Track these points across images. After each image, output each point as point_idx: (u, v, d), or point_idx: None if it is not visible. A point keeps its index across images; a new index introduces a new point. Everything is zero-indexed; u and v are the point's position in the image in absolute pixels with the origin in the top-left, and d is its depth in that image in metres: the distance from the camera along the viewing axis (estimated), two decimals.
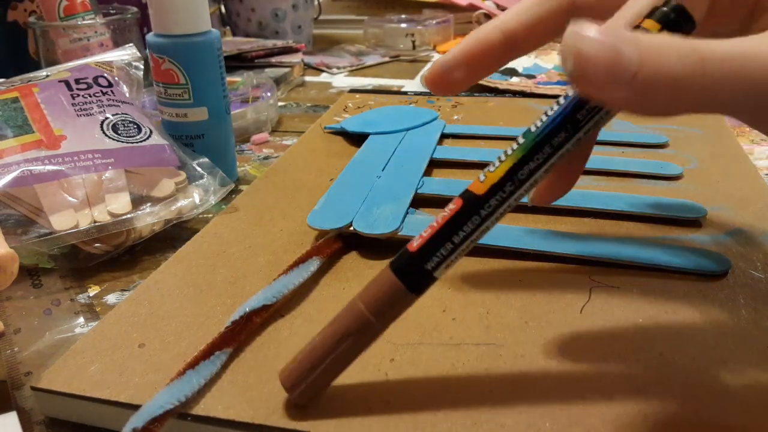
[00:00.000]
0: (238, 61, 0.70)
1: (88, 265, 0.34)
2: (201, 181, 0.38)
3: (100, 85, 0.39)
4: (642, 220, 0.33)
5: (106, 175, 0.35)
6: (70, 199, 0.34)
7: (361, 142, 0.44)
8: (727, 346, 0.24)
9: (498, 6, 0.93)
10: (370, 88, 0.69)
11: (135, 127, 0.38)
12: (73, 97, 0.38)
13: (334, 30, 1.03)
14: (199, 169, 0.38)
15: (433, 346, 0.24)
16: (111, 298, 0.31)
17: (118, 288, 0.32)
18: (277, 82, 0.65)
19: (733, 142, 0.44)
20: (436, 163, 0.41)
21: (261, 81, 0.58)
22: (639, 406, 0.21)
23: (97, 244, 0.34)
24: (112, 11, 0.58)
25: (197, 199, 0.36)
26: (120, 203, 0.34)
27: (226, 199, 0.39)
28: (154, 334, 0.25)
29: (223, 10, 0.88)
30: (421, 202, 0.35)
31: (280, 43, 0.75)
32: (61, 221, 0.33)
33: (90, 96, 0.38)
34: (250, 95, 0.56)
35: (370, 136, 0.45)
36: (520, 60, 0.73)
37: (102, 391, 0.22)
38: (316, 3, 0.91)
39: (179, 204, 0.36)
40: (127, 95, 0.41)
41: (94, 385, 0.23)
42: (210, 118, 0.41)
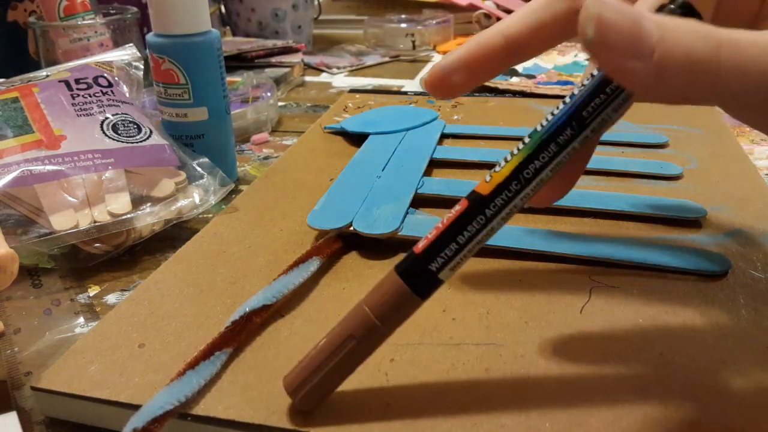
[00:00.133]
0: (238, 61, 0.70)
1: (88, 265, 0.34)
2: (201, 181, 0.38)
3: (100, 85, 0.39)
4: (642, 220, 0.33)
5: (106, 175, 0.35)
6: (70, 199, 0.34)
7: (361, 142, 0.44)
8: (727, 346, 0.24)
9: (498, 6, 0.93)
10: (370, 88, 0.69)
11: (135, 127, 0.38)
12: (73, 97, 0.38)
13: (334, 30, 1.03)
14: (199, 169, 0.38)
15: (433, 346, 0.24)
16: (111, 298, 0.31)
17: (118, 288, 0.32)
18: (277, 82, 0.65)
19: (733, 142, 0.44)
20: (436, 163, 0.41)
21: (261, 81, 0.58)
22: (639, 406, 0.21)
23: (97, 244, 0.34)
24: (112, 11, 0.58)
25: (197, 199, 0.36)
26: (120, 203, 0.34)
27: (226, 199, 0.39)
28: (154, 334, 0.25)
29: (223, 10, 0.88)
30: (421, 202, 0.35)
31: (280, 43, 0.75)
32: (61, 221, 0.33)
33: (90, 96, 0.38)
34: (250, 95, 0.56)
35: (370, 136, 0.45)
36: None
37: (102, 391, 0.22)
38: (316, 3, 0.91)
39: (179, 204, 0.36)
40: (127, 95, 0.41)
41: (94, 385, 0.23)
42: (210, 118, 0.41)
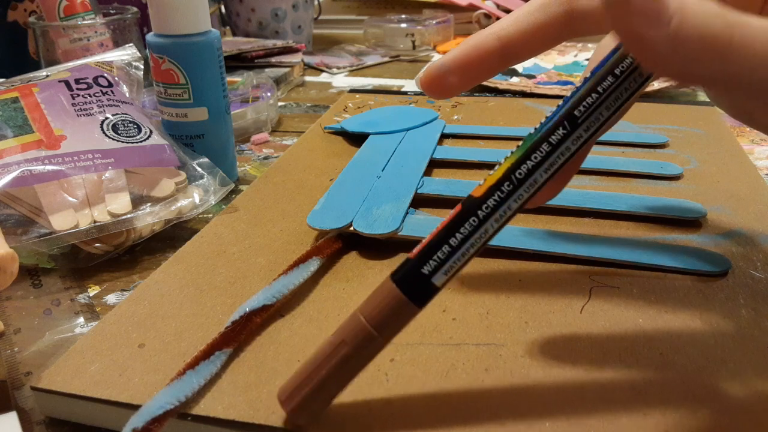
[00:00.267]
0: (238, 61, 0.70)
1: (88, 265, 0.34)
2: (201, 181, 0.38)
3: (100, 85, 0.39)
4: (642, 220, 0.33)
5: (106, 175, 0.35)
6: (70, 199, 0.34)
7: (361, 142, 0.44)
8: (727, 346, 0.24)
9: (498, 6, 0.93)
10: (370, 88, 0.69)
11: (135, 127, 0.38)
12: (73, 97, 0.38)
13: (334, 30, 1.03)
14: (199, 169, 0.38)
15: (433, 346, 0.24)
16: (111, 298, 0.31)
17: (118, 288, 0.32)
18: (277, 82, 0.65)
19: (733, 142, 0.44)
20: (436, 163, 0.41)
21: (261, 81, 0.58)
22: (639, 405, 0.21)
23: (97, 244, 0.34)
24: (112, 11, 0.58)
25: (197, 199, 0.36)
26: (120, 203, 0.34)
27: (226, 199, 0.39)
28: (154, 334, 0.25)
29: (223, 10, 0.88)
30: (421, 202, 0.35)
31: (280, 43, 0.75)
32: (61, 221, 0.33)
33: (90, 96, 0.38)
34: (250, 95, 0.56)
35: (370, 136, 0.45)
36: None
37: (102, 391, 0.22)
38: (316, 3, 0.91)
39: (179, 204, 0.36)
40: (127, 95, 0.41)
41: (94, 385, 0.23)
42: (210, 118, 0.41)
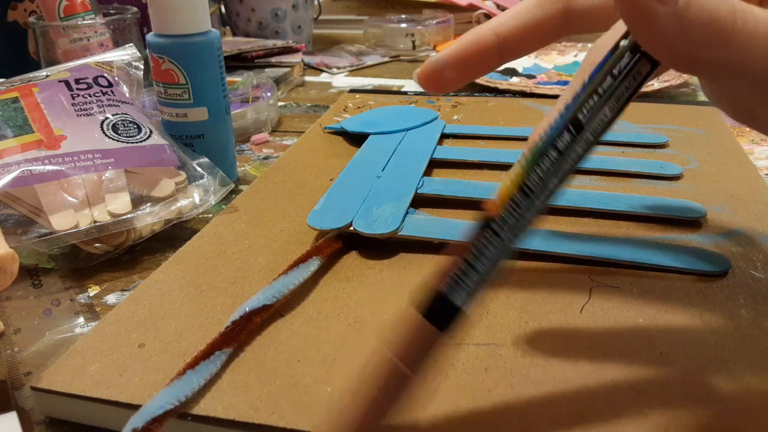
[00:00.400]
0: (238, 61, 0.70)
1: (88, 265, 0.34)
2: (201, 181, 0.38)
3: (100, 85, 0.39)
4: (642, 220, 0.33)
5: (106, 175, 0.35)
6: (70, 199, 0.34)
7: (361, 142, 0.44)
8: (727, 346, 0.24)
9: (498, 6, 0.93)
10: (370, 88, 0.69)
11: (135, 127, 0.38)
12: (73, 97, 0.38)
13: (334, 30, 1.03)
14: (199, 169, 0.38)
15: None
16: (111, 298, 0.31)
17: (118, 288, 0.32)
18: (277, 82, 0.65)
19: (733, 142, 0.44)
20: (436, 163, 0.41)
21: (261, 81, 0.58)
22: (639, 405, 0.21)
23: (97, 244, 0.34)
24: (112, 11, 0.58)
25: (197, 199, 0.36)
26: (120, 203, 0.34)
27: (226, 199, 0.39)
28: (154, 334, 0.25)
29: (223, 10, 0.88)
30: (421, 202, 0.35)
31: (280, 43, 0.75)
32: (61, 221, 0.33)
33: (90, 96, 0.38)
34: (250, 95, 0.56)
35: (370, 136, 0.45)
36: (520, 60, 0.73)
37: (102, 391, 0.22)
38: (316, 3, 0.91)
39: (179, 204, 0.36)
40: (127, 95, 0.41)
41: (94, 385, 0.23)
42: (210, 118, 0.41)
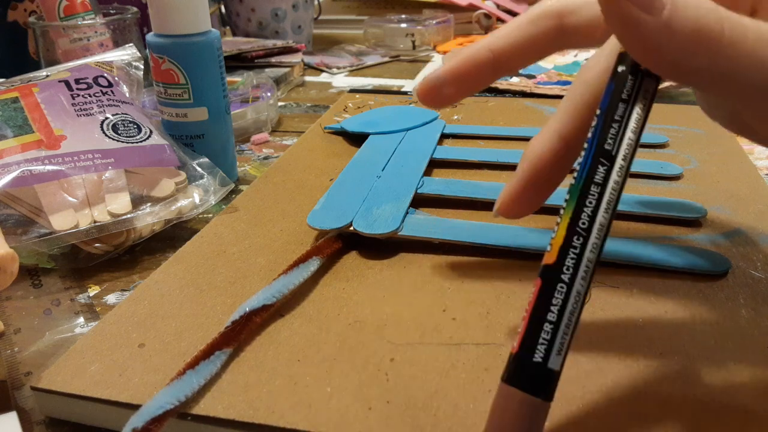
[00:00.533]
0: (238, 61, 0.70)
1: (88, 265, 0.34)
2: (201, 181, 0.38)
3: (100, 85, 0.39)
4: (642, 220, 0.33)
5: (106, 175, 0.35)
6: (70, 199, 0.34)
7: (361, 142, 0.44)
8: (727, 346, 0.24)
9: (498, 6, 0.93)
10: (370, 88, 0.69)
11: (135, 127, 0.38)
12: (73, 97, 0.38)
13: (334, 30, 1.03)
14: (199, 169, 0.38)
15: (433, 345, 0.24)
16: (111, 298, 0.31)
17: (118, 288, 0.32)
18: (277, 82, 0.65)
19: (733, 142, 0.44)
20: (436, 163, 0.41)
21: (261, 81, 0.58)
22: (639, 406, 0.21)
23: (97, 244, 0.34)
24: (112, 11, 0.58)
25: (197, 199, 0.36)
26: (120, 203, 0.34)
27: (226, 199, 0.39)
28: (154, 334, 0.25)
29: (223, 10, 0.88)
30: (421, 202, 0.35)
31: (280, 43, 0.75)
32: (61, 221, 0.33)
33: (90, 96, 0.38)
34: (250, 95, 0.56)
35: (370, 136, 0.45)
36: None
37: (102, 391, 0.22)
38: (316, 3, 0.91)
39: (179, 204, 0.36)
40: (127, 95, 0.41)
41: (94, 385, 0.23)
42: (210, 118, 0.41)
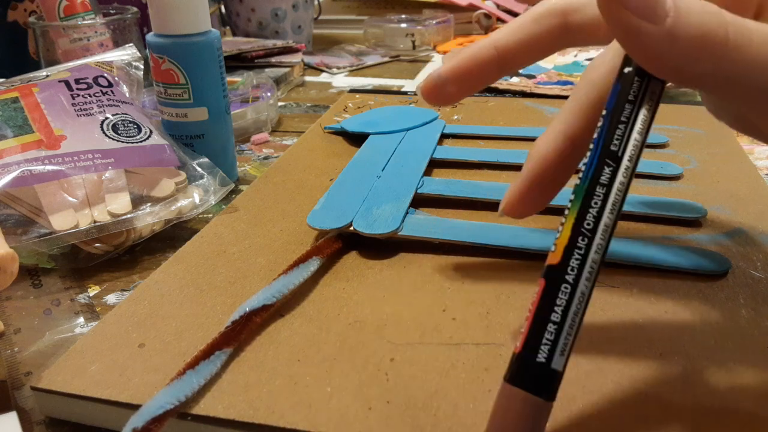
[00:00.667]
0: (238, 61, 0.70)
1: (88, 265, 0.34)
2: (201, 181, 0.38)
3: (100, 85, 0.39)
4: (642, 220, 0.33)
5: (106, 175, 0.35)
6: (70, 199, 0.34)
7: (361, 142, 0.44)
8: (727, 346, 0.24)
9: (498, 6, 0.93)
10: (370, 88, 0.69)
11: (135, 127, 0.38)
12: (73, 97, 0.38)
13: (334, 30, 1.03)
14: (199, 169, 0.38)
15: (433, 345, 0.24)
16: (111, 298, 0.31)
17: (118, 288, 0.32)
18: (277, 82, 0.65)
19: (733, 142, 0.44)
20: (436, 163, 0.41)
21: (261, 81, 0.58)
22: (638, 406, 0.21)
23: (97, 244, 0.34)
24: (112, 11, 0.58)
25: (197, 199, 0.36)
26: (120, 203, 0.34)
27: (226, 199, 0.39)
28: (154, 334, 0.25)
29: (223, 10, 0.88)
30: (421, 202, 0.35)
31: (280, 43, 0.75)
32: (61, 221, 0.33)
33: (90, 96, 0.38)
34: (250, 95, 0.56)
35: (370, 136, 0.45)
36: None
37: (102, 391, 0.22)
38: (316, 3, 0.91)
39: (179, 204, 0.36)
40: (127, 95, 0.41)
41: (94, 385, 0.23)
42: (210, 118, 0.41)
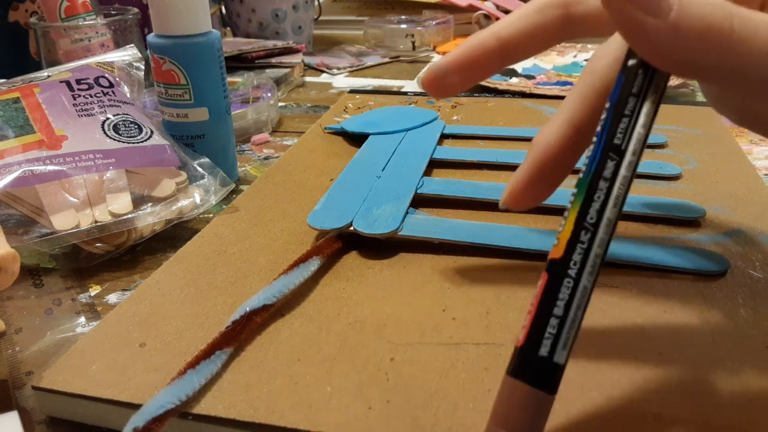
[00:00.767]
0: (239, 62, 0.70)
1: (89, 265, 0.34)
2: (202, 181, 0.38)
3: (101, 85, 0.39)
4: (641, 220, 0.33)
5: (107, 175, 0.35)
6: (72, 199, 0.34)
7: (361, 143, 0.44)
8: (726, 346, 0.24)
9: (498, 7, 0.93)
10: (370, 88, 0.69)
11: (136, 128, 0.38)
12: (75, 98, 0.38)
13: (334, 30, 1.04)
14: (199, 169, 0.38)
15: (433, 345, 0.24)
16: (112, 298, 0.31)
17: (119, 288, 0.32)
18: (278, 82, 0.65)
19: (731, 143, 0.44)
20: (436, 164, 0.41)
21: (261, 81, 0.58)
22: (637, 406, 0.21)
23: (98, 244, 0.34)
24: (113, 12, 0.58)
25: (198, 199, 0.36)
26: (121, 203, 0.34)
27: (227, 199, 0.39)
28: (154, 333, 0.25)
29: (223, 10, 0.88)
30: (421, 202, 0.35)
31: (280, 43, 0.75)
32: (63, 221, 0.33)
33: (91, 96, 0.38)
34: (251, 96, 0.56)
35: (370, 136, 0.45)
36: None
37: (103, 391, 0.22)
38: (316, 4, 0.91)
39: (180, 204, 0.36)
40: (128, 95, 0.41)
41: (95, 384, 0.23)
42: (210, 118, 0.41)
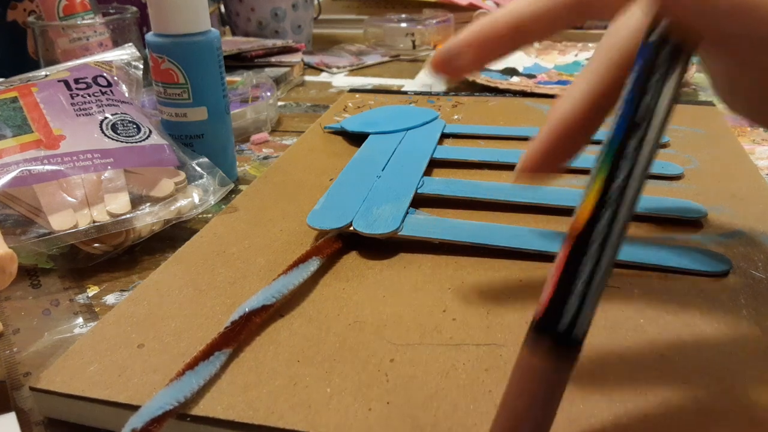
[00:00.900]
0: (238, 61, 0.70)
1: (87, 266, 0.34)
2: (200, 181, 0.38)
3: (99, 84, 0.39)
4: (642, 220, 0.33)
5: (106, 175, 0.35)
6: (69, 199, 0.34)
7: (361, 142, 0.44)
8: (728, 346, 0.23)
9: (498, 5, 0.93)
10: (370, 87, 0.69)
11: (134, 127, 0.37)
12: (72, 97, 0.38)
13: (334, 29, 1.03)
14: (198, 169, 0.38)
15: (433, 346, 0.24)
16: (110, 299, 0.31)
17: (117, 288, 0.32)
18: (277, 81, 0.65)
19: (734, 142, 0.44)
20: (436, 163, 0.41)
21: (261, 80, 0.58)
22: (639, 406, 0.21)
23: (96, 245, 0.33)
24: (111, 11, 0.58)
25: (197, 199, 0.36)
26: (119, 203, 0.34)
27: (226, 199, 0.39)
28: (153, 334, 0.25)
29: (222, 9, 0.88)
30: (421, 201, 0.35)
31: (279, 42, 0.75)
32: (60, 221, 0.33)
33: (89, 96, 0.38)
34: (250, 95, 0.56)
35: (370, 135, 0.45)
36: (520, 59, 0.73)
37: (101, 392, 0.22)
38: (315, 2, 0.91)
39: (179, 204, 0.35)
40: (127, 95, 0.41)
41: (93, 385, 0.23)
42: (209, 117, 0.41)
